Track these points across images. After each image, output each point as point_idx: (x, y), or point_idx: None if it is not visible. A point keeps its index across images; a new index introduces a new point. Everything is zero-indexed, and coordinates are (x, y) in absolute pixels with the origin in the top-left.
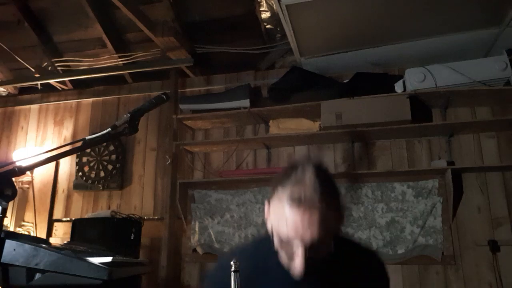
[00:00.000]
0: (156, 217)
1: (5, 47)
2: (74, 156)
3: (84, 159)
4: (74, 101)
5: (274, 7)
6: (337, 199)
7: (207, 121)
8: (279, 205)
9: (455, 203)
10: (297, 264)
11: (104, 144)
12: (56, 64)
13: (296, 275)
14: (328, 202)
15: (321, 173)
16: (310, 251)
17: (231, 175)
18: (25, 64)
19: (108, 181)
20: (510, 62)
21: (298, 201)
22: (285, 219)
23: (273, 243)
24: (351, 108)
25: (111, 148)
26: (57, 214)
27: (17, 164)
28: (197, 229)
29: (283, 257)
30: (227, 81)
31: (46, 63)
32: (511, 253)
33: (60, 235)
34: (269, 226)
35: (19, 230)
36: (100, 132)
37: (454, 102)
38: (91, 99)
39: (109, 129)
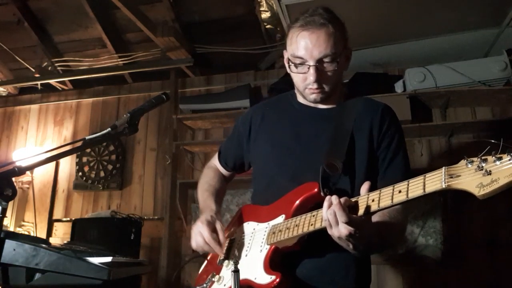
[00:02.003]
0: (156, 217)
1: (5, 47)
2: (74, 156)
3: (84, 159)
4: (74, 101)
5: (274, 7)
6: (341, 29)
7: (207, 121)
8: (292, 36)
9: (455, 203)
10: (311, 79)
11: (104, 144)
12: (56, 64)
13: (311, 98)
14: (334, 27)
15: (328, 10)
16: (321, 76)
17: None
18: (25, 64)
19: (108, 181)
20: (510, 62)
21: (306, 25)
22: (297, 44)
23: (294, 91)
24: None
25: (111, 148)
26: (57, 214)
27: (17, 164)
28: None
29: (301, 93)
30: (227, 81)
31: (46, 63)
32: (511, 253)
33: (60, 235)
34: (287, 66)
35: (19, 230)
36: (100, 132)
37: (454, 102)
38: (91, 99)
39: (109, 129)
